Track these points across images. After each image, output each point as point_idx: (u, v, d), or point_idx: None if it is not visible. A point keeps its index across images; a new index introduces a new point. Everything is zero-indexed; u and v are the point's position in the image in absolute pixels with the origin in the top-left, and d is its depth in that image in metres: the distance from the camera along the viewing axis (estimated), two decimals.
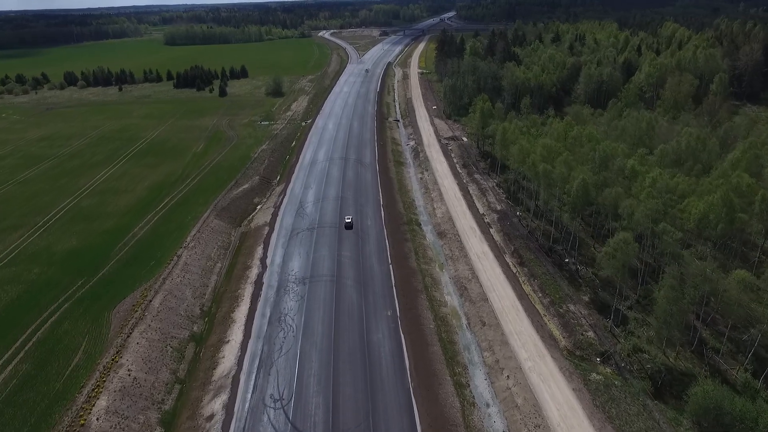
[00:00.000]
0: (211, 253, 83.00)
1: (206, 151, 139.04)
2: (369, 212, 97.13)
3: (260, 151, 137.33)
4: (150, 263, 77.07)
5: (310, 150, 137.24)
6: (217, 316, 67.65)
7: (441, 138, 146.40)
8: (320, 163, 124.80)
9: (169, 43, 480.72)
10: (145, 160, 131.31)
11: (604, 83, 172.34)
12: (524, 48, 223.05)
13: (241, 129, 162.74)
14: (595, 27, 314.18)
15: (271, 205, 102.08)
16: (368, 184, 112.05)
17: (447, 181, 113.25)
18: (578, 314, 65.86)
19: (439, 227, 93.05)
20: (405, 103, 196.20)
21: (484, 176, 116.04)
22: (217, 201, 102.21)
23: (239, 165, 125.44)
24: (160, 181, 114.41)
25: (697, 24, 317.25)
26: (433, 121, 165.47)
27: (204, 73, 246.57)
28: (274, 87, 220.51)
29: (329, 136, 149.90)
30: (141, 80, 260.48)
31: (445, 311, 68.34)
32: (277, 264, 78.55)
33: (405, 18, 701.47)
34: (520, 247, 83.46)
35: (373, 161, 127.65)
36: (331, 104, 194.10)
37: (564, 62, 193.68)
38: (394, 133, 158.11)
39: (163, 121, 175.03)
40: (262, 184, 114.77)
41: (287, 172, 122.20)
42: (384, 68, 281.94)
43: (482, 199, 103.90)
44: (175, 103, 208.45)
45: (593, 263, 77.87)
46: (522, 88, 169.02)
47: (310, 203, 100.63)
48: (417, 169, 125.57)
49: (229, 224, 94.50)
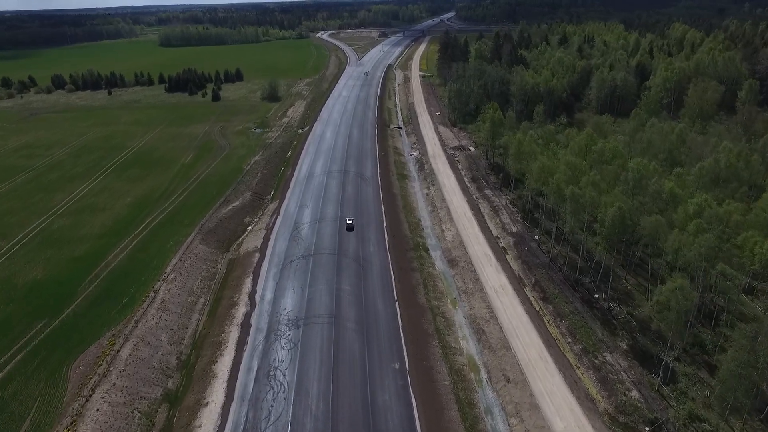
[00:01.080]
0: (194, 286, 73.44)
1: (195, 162, 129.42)
2: (371, 236, 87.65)
3: (253, 162, 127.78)
4: (122, 301, 67.50)
5: (306, 161, 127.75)
6: (196, 367, 58.11)
7: (447, 148, 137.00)
8: (317, 177, 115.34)
9: (164, 45, 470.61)
10: (129, 172, 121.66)
11: (617, 88, 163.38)
12: (531, 50, 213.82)
13: (233, 137, 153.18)
14: (601, 28, 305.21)
15: (263, 227, 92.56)
16: (370, 201, 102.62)
17: (456, 198, 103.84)
18: (617, 367, 56.48)
19: (449, 253, 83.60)
20: (407, 108, 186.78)
21: (496, 192, 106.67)
22: (204, 221, 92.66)
23: (230, 178, 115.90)
24: (143, 197, 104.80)
25: (705, 25, 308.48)
26: (437, 128, 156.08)
27: (197, 77, 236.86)
28: (269, 91, 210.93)
29: (327, 145, 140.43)
30: (132, 83, 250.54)
31: (461, 362, 58.87)
32: (267, 301, 69.04)
33: (404, 18, 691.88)
34: (542, 278, 74.11)
35: (375, 174, 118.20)
36: (330, 110, 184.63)
37: (574, 66, 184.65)
38: (396, 142, 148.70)
39: (151, 129, 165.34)
40: (254, 201, 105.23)
41: (282, 187, 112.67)
42: (384, 71, 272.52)
43: (495, 219, 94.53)
44: (166, 108, 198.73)
45: (627, 299, 68.61)
46: (531, 94, 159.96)
47: (306, 225, 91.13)
48: (422, 183, 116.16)
49: (215, 249, 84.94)
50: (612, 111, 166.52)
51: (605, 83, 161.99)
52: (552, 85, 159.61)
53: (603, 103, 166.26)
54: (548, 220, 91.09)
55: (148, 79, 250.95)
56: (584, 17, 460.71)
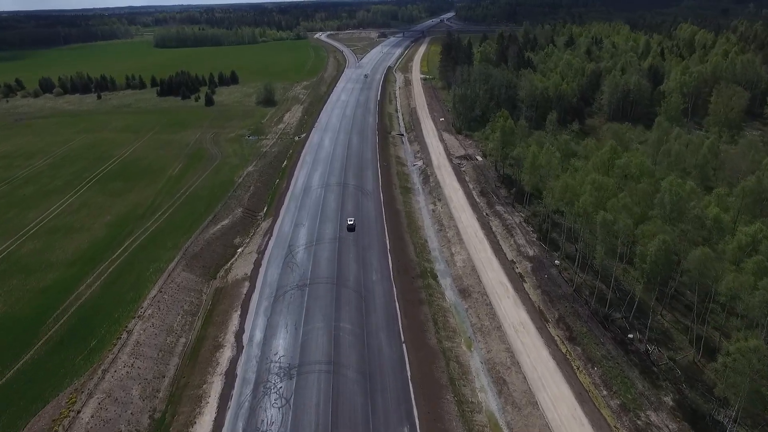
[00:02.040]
0: (174, 323, 64.99)
1: (184, 173, 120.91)
2: (374, 260, 79.31)
3: (246, 174, 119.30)
4: (89, 344, 59.05)
5: (303, 173, 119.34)
6: (171, 430, 49.64)
7: (452, 157, 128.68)
8: (314, 191, 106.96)
9: (159, 46, 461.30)
10: (112, 185, 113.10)
11: (630, 93, 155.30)
12: (537, 53, 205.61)
13: (226, 145, 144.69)
14: (607, 29, 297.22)
15: (255, 249, 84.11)
16: (371, 219, 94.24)
17: (465, 215, 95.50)
18: (665, 430, 48.17)
19: (460, 281, 75.24)
20: (409, 113, 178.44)
21: (508, 208, 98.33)
22: (189, 244, 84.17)
23: (220, 192, 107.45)
24: (124, 215, 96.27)
25: (712, 25, 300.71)
26: (441, 135, 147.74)
27: (190, 80, 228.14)
28: (265, 95, 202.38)
29: (325, 154, 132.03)
30: (123, 87, 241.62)
31: (481, 422, 50.51)
32: (256, 342, 60.63)
33: (403, 19, 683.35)
34: (567, 313, 65.82)
35: (377, 188, 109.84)
36: (328, 115, 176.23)
37: (583, 69, 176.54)
38: (398, 151, 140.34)
39: (140, 136, 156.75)
40: (246, 219, 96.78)
41: (276, 202, 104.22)
42: (384, 73, 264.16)
43: (509, 240, 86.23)
44: (157, 113, 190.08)
45: (666, 340, 60.33)
46: (540, 99, 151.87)
47: (302, 248, 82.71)
48: (428, 197, 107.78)
49: (200, 277, 76.49)
50: (624, 116, 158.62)
51: (618, 87, 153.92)
52: (562, 90, 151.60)
53: (615, 108, 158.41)
54: (568, 240, 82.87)
55: (140, 83, 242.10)
56: (586, 17, 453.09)
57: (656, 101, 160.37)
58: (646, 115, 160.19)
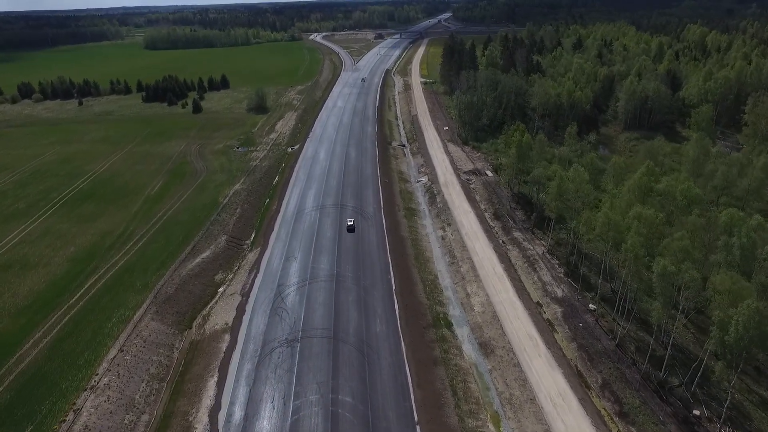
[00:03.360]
0: (136, 394, 53.19)
1: (164, 192, 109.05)
2: (377, 305, 67.75)
3: (232, 193, 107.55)
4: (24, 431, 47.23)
5: (296, 192, 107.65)
6: None
7: (460, 172, 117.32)
8: (308, 215, 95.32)
9: (150, 48, 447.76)
10: (81, 208, 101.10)
11: (648, 100, 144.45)
12: (545, 56, 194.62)
13: (212, 158, 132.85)
14: (613, 30, 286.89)
15: (238, 290, 72.36)
16: (374, 250, 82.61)
17: (479, 244, 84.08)
18: None
19: (480, 332, 63.78)
20: (410, 121, 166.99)
21: (527, 235, 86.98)
22: (162, 284, 72.41)
23: (202, 216, 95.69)
24: (90, 246, 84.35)
25: (720, 26, 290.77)
26: (446, 147, 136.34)
27: (177, 85, 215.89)
28: (257, 101, 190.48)
29: (320, 169, 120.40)
30: (107, 92, 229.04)
31: None
32: (235, 424, 48.94)
33: (400, 19, 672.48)
34: (612, 377, 54.48)
35: (378, 210, 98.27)
36: (323, 123, 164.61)
37: (595, 73, 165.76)
38: (400, 164, 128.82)
39: (119, 148, 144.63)
40: (230, 250, 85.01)
41: (265, 228, 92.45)
42: (382, 77, 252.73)
43: (532, 276, 74.90)
44: (140, 121, 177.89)
45: (742, 419, 49.04)
46: (551, 106, 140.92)
47: (293, 288, 71.08)
48: (435, 220, 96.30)
49: (173, 327, 64.74)
50: (641, 126, 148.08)
51: (635, 94, 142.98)
52: (576, 97, 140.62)
53: (631, 116, 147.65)
54: (602, 277, 71.64)
55: (125, 87, 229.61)
56: (587, 18, 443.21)
57: (674, 108, 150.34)
58: (664, 124, 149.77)
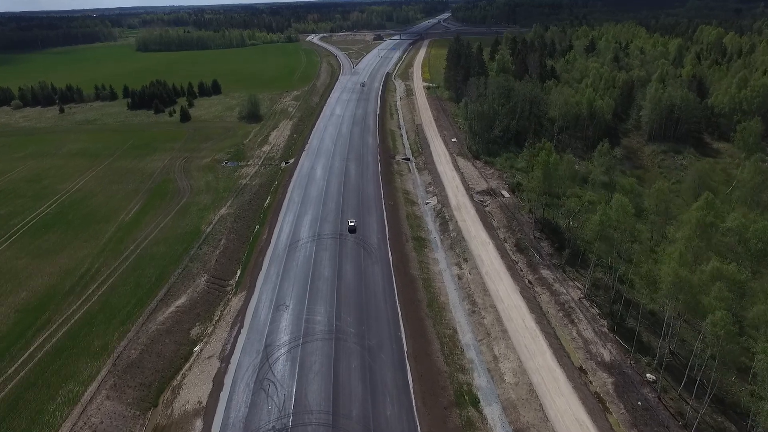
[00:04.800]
0: None
1: (140, 218, 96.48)
2: (386, 374, 55.18)
3: (217, 219, 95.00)
4: None
5: (289, 217, 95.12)
6: None
7: (473, 192, 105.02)
8: (303, 247, 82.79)
9: (142, 50, 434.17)
10: (44, 239, 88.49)
11: (675, 108, 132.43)
12: (557, 60, 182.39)
13: (198, 175, 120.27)
14: (624, 32, 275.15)
15: (217, 352, 59.80)
16: (379, 294, 70.09)
17: (503, 287, 71.70)
18: None
19: (515, 415, 51.27)
20: (414, 131, 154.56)
21: (557, 273, 74.66)
22: (126, 344, 59.89)
23: (181, 249, 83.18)
24: (46, 290, 71.81)
25: (733, 27, 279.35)
26: (455, 161, 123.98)
27: (165, 91, 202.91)
28: (249, 108, 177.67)
29: (317, 189, 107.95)
30: (91, 98, 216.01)
31: None
32: None
33: (399, 20, 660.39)
34: None
35: (383, 240, 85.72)
36: (320, 134, 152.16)
37: (613, 79, 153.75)
38: (405, 182, 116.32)
39: (97, 162, 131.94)
40: (210, 293, 72.44)
41: (252, 264, 79.87)
42: (383, 81, 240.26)
43: (570, 331, 62.56)
44: (123, 131, 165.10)
45: None
46: (570, 117, 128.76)
47: (283, 350, 58.59)
48: (449, 254, 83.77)
49: (133, 407, 52.13)
50: (666, 137, 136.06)
51: (661, 102, 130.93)
52: (597, 106, 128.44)
53: (653, 126, 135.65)
54: (655, 332, 59.51)
55: (111, 93, 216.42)
56: (592, 19, 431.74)
57: (701, 117, 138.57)
58: (691, 134, 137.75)
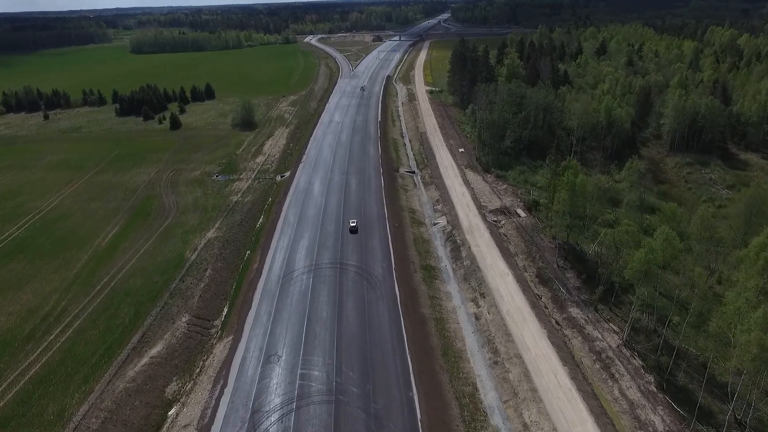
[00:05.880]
0: None
1: (118, 242, 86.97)
2: None
3: (204, 243, 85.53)
4: None
5: (283, 242, 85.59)
6: None
7: (485, 211, 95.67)
8: (298, 280, 73.30)
9: (135, 51, 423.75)
10: (8, 268, 78.91)
11: (699, 117, 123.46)
12: (568, 63, 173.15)
13: (186, 191, 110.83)
14: (630, 32, 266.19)
15: (195, 418, 50.22)
16: (386, 342, 60.58)
17: (528, 332, 62.29)
18: None
19: None
20: (418, 140, 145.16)
21: (588, 312, 65.32)
22: (87, 410, 50.35)
23: (161, 282, 73.74)
24: (1, 335, 62.24)
25: (746, 28, 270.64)
26: (464, 175, 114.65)
27: (156, 97, 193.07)
28: (243, 115, 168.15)
29: (315, 208, 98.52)
30: (79, 103, 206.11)
31: None
32: None
33: (398, 20, 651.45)
34: None
35: (388, 270, 76.17)
36: (318, 143, 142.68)
37: (629, 85, 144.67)
38: (411, 199, 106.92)
39: (77, 176, 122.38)
40: (191, 338, 62.94)
41: (240, 302, 70.28)
42: (383, 85, 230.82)
43: (611, 389, 53.21)
44: (109, 140, 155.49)
45: None
46: (588, 126, 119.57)
47: (274, 419, 49.00)
48: (463, 286, 74.28)
49: None
50: (689, 147, 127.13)
51: (685, 111, 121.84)
52: (617, 115, 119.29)
53: (678, 136, 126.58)
54: (713, 395, 50.24)
55: (99, 98, 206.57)
56: (595, 20, 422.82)
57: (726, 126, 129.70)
58: (714, 144, 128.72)
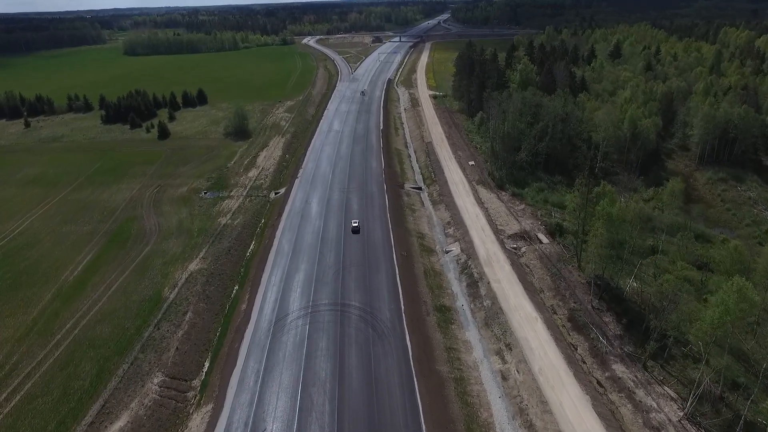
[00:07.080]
0: None
1: (88, 276, 76.43)
2: None
3: (186, 278, 75.03)
4: None
5: (276, 276, 75.08)
6: None
7: (503, 236, 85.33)
8: (293, 327, 62.78)
9: (129, 53, 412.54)
10: None
11: (732, 127, 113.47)
12: (582, 67, 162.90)
13: (170, 211, 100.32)
14: (641, 34, 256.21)
15: None
16: (397, 414, 49.92)
17: (566, 397, 51.83)
18: None
19: None
20: (424, 151, 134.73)
21: (635, 369, 54.97)
22: None
23: (132, 330, 63.21)
24: None
25: (759, 29, 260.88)
26: (477, 192, 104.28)
27: (144, 103, 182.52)
28: (237, 123, 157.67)
29: (312, 233, 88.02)
30: (64, 109, 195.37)
31: None
32: None
33: (398, 21, 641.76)
34: None
35: (397, 313, 65.71)
36: (316, 155, 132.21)
37: (651, 91, 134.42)
38: (419, 220, 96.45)
39: (53, 193, 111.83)
40: (163, 406, 52.35)
41: (224, 356, 59.70)
42: (384, 89, 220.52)
43: None
44: (92, 151, 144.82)
45: None
46: (610, 138, 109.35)
47: None
48: (484, 333, 63.77)
49: None
50: (719, 159, 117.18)
51: (715, 121, 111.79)
52: (643, 126, 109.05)
53: (709, 148, 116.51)
54: None
55: (85, 104, 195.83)
56: (599, 20, 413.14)
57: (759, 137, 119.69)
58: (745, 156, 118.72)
